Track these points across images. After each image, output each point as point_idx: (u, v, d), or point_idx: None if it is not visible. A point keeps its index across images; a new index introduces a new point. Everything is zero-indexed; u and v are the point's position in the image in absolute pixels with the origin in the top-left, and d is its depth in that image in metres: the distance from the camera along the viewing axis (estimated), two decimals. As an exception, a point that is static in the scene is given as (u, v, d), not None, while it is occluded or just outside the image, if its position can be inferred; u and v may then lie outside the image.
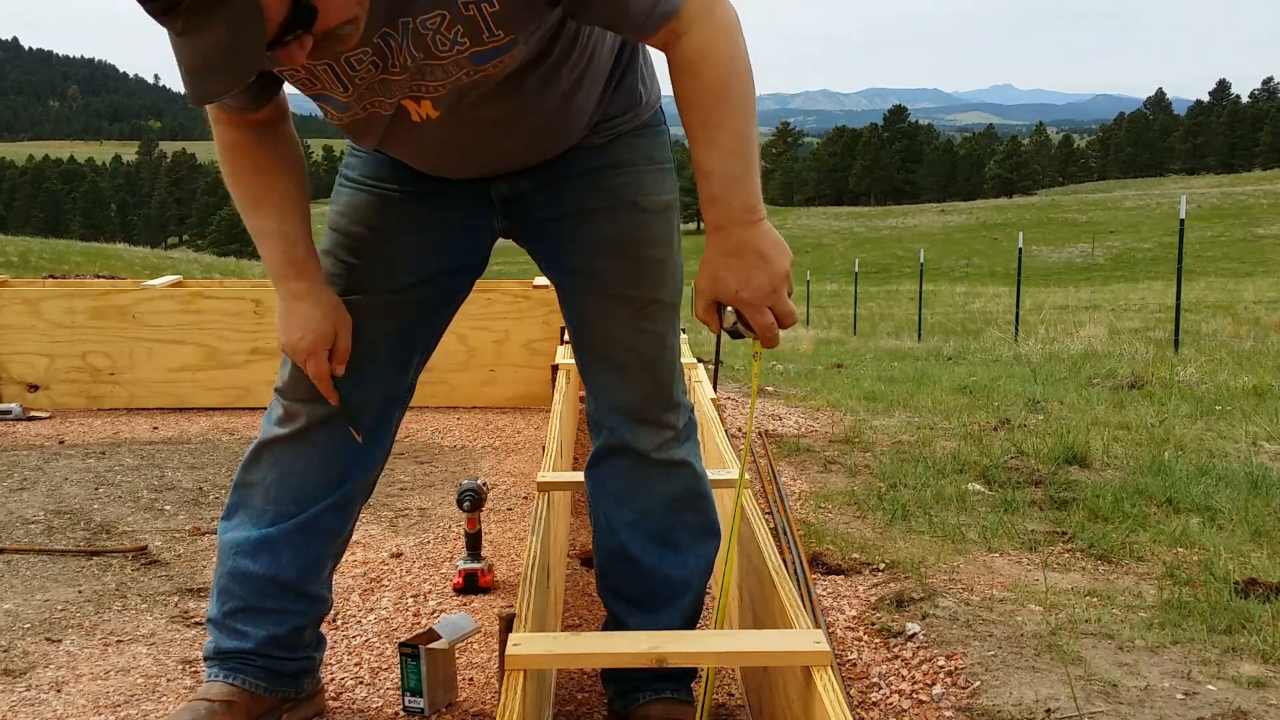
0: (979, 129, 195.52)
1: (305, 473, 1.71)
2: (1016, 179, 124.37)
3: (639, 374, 1.69)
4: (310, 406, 1.68)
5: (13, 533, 2.98)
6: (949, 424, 4.60)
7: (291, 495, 1.71)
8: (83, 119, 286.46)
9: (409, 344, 1.73)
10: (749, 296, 1.44)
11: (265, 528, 1.72)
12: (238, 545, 1.73)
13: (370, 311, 1.67)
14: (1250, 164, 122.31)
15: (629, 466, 1.72)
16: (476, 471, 3.80)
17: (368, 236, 1.67)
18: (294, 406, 1.69)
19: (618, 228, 1.64)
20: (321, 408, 1.67)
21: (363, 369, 1.67)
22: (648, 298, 1.67)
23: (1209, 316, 15.37)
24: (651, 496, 1.73)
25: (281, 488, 1.71)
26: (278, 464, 1.71)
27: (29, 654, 2.20)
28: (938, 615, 2.28)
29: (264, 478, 1.72)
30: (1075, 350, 9.14)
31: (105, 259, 31.89)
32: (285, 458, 1.71)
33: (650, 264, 1.67)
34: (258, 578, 1.72)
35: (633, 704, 1.78)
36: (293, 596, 1.75)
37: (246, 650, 1.74)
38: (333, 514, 1.75)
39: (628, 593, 1.78)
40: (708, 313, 1.49)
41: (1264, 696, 1.87)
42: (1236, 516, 3.03)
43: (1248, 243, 52.26)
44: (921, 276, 20.52)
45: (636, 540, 1.74)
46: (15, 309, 4.87)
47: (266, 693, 1.76)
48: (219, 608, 1.76)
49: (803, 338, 15.76)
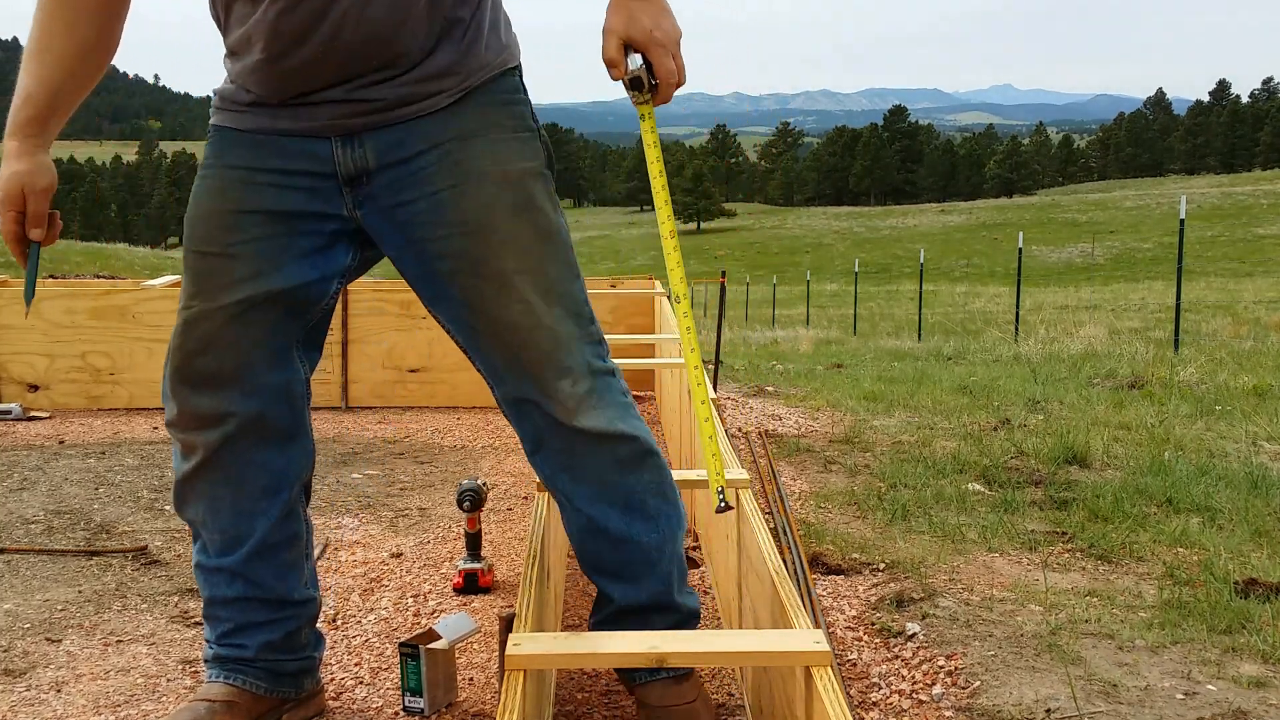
0: (979, 129, 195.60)
1: (234, 497, 1.69)
2: (1016, 179, 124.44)
3: (523, 350, 1.61)
4: (202, 434, 1.65)
5: (13, 533, 2.98)
6: (949, 424, 4.60)
7: (232, 521, 1.70)
8: (83, 119, 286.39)
9: (286, 345, 1.69)
10: (661, 36, 1.51)
11: (226, 556, 1.71)
12: (208, 574, 1.73)
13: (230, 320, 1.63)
14: (1250, 164, 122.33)
15: (562, 442, 1.65)
16: (476, 471, 3.80)
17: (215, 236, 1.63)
18: (188, 438, 1.67)
19: (471, 205, 1.58)
20: (214, 433, 1.64)
21: (244, 380, 1.64)
22: (511, 269, 1.59)
23: (1209, 316, 15.37)
24: (600, 465, 1.67)
25: (219, 517, 1.70)
26: (202, 498, 1.70)
27: (29, 654, 2.20)
28: (938, 615, 2.28)
29: (199, 514, 1.71)
30: (1075, 350, 9.14)
31: (105, 259, 31.87)
32: (206, 490, 1.69)
33: (511, 238, 1.59)
34: (239, 600, 1.73)
35: (632, 685, 1.77)
36: (278, 607, 1.75)
37: (246, 657, 1.75)
38: (282, 525, 1.73)
39: (607, 566, 1.74)
40: (618, 52, 1.52)
41: (1264, 696, 1.87)
42: (1236, 516, 3.03)
43: (1248, 243, 52.27)
44: (921, 276, 20.51)
45: (601, 511, 1.68)
46: (15, 309, 4.87)
47: (267, 693, 1.76)
48: (211, 631, 1.76)
49: (803, 338, 15.77)
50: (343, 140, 1.59)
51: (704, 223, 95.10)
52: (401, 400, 5.06)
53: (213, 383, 1.63)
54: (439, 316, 1.67)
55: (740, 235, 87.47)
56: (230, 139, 1.64)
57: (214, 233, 1.62)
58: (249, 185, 1.62)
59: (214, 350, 1.62)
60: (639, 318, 5.35)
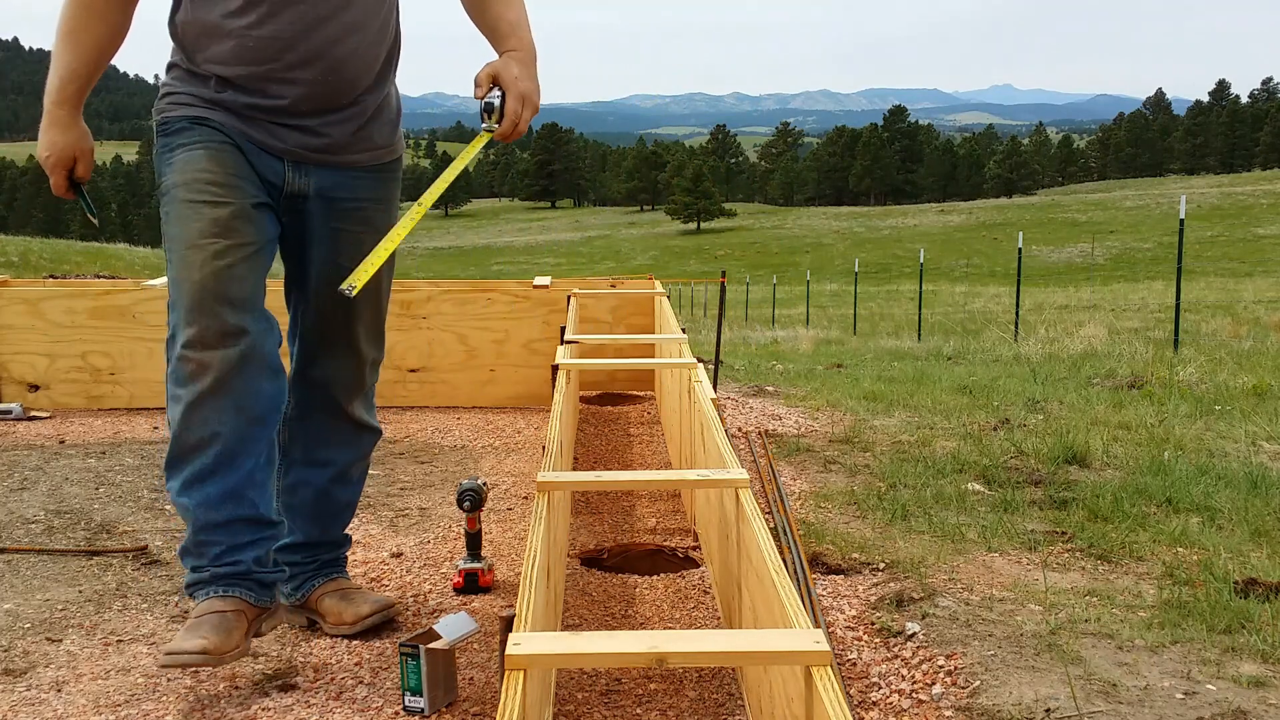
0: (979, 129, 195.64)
1: (235, 421, 1.95)
2: (1016, 179, 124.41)
3: (347, 359, 2.25)
4: (221, 351, 1.92)
5: (13, 533, 2.98)
6: (949, 424, 4.60)
7: (234, 443, 1.96)
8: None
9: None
10: (522, 87, 2.00)
11: (223, 479, 1.96)
12: (199, 505, 1.97)
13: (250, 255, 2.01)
14: (1250, 164, 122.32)
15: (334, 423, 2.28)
16: (476, 471, 3.80)
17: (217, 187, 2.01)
18: (205, 357, 1.92)
19: (365, 248, 1.99)
20: (232, 350, 1.92)
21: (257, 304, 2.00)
22: (369, 312, 2.24)
23: (1209, 316, 15.37)
24: (346, 445, 2.31)
25: (222, 439, 1.94)
26: (208, 420, 1.93)
27: (29, 654, 2.21)
28: (937, 615, 2.28)
29: (203, 434, 1.94)
30: (1075, 350, 9.14)
31: (105, 259, 31.90)
32: (213, 413, 1.93)
33: (374, 287, 2.19)
34: (230, 523, 1.97)
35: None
36: (261, 526, 2.02)
37: (241, 571, 1.99)
38: (270, 452, 2.04)
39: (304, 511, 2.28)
40: (487, 80, 2.01)
41: (1264, 696, 1.88)
42: (1236, 516, 3.03)
43: (1248, 243, 52.28)
44: (921, 276, 20.50)
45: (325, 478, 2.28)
46: (16, 309, 4.87)
47: (256, 602, 2.01)
48: (202, 557, 1.99)
49: (803, 338, 15.77)
50: (294, 165, 2.08)
51: (704, 223, 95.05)
52: (401, 400, 5.05)
53: (238, 302, 1.94)
54: (292, 303, 2.23)
55: (740, 235, 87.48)
56: (200, 123, 2.01)
57: (223, 191, 1.97)
58: (238, 158, 2.01)
59: (239, 276, 1.95)
60: (639, 318, 5.36)
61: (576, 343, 3.69)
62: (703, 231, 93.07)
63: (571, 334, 3.95)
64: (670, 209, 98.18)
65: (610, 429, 4.57)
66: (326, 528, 2.34)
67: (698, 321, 25.06)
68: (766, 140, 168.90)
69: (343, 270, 2.04)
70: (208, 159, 1.98)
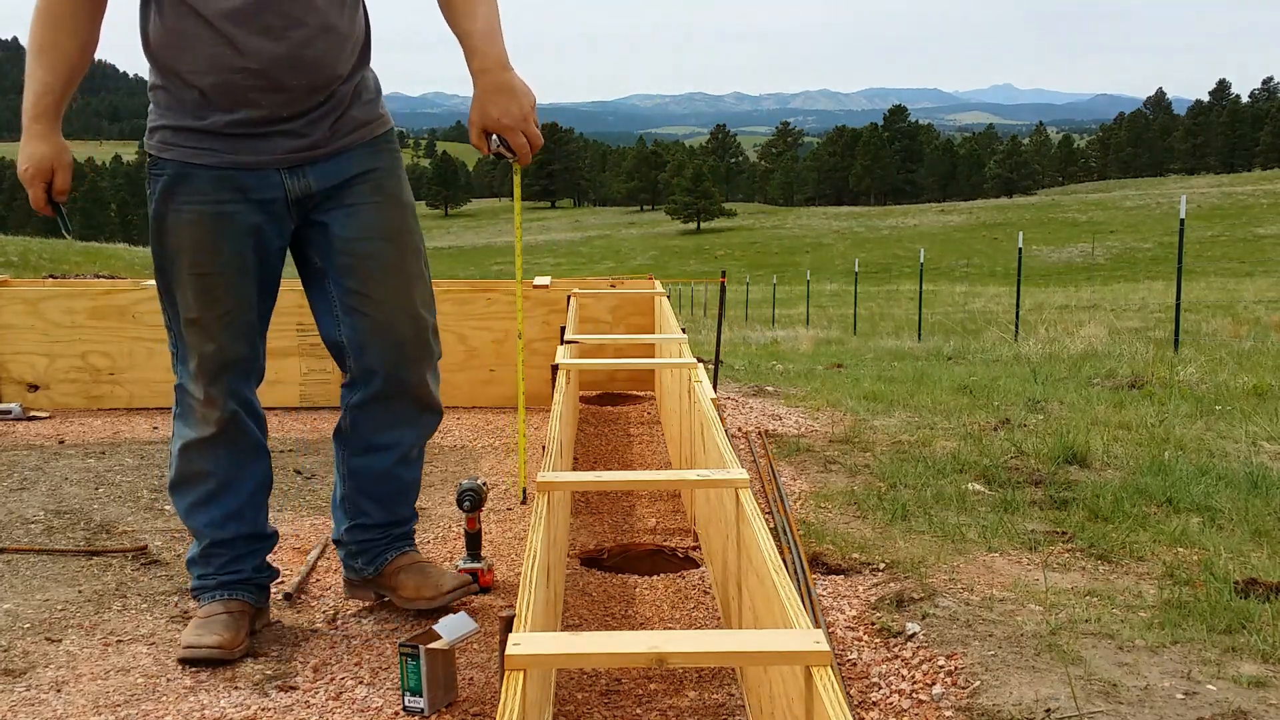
0: (979, 129, 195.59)
1: (232, 456, 2.25)
2: (1016, 179, 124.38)
3: (405, 328, 2.24)
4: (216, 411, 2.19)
5: (13, 533, 2.98)
6: (949, 424, 4.60)
7: (233, 473, 2.26)
8: (83, 119, 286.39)
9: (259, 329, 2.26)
10: (509, 123, 2.03)
11: (225, 502, 2.25)
12: (206, 525, 2.25)
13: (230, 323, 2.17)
14: (1250, 164, 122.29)
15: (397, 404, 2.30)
16: (476, 471, 3.80)
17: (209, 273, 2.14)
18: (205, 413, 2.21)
19: (388, 217, 2.20)
20: (226, 409, 2.19)
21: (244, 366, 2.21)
22: (413, 272, 2.24)
23: (1209, 316, 15.37)
24: (409, 426, 2.33)
25: (222, 470, 2.24)
26: (208, 456, 2.23)
27: (29, 654, 2.20)
28: (938, 615, 2.28)
29: (204, 466, 2.24)
30: (1075, 350, 9.14)
31: (105, 259, 31.88)
32: (211, 451, 2.23)
33: (410, 246, 2.24)
34: (234, 539, 2.27)
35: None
36: (259, 540, 2.33)
37: (243, 578, 2.27)
38: (266, 471, 2.33)
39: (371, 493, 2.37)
40: (479, 139, 2.07)
41: (1264, 696, 1.88)
42: (1236, 516, 3.03)
43: (1248, 243, 52.27)
44: (921, 276, 20.49)
45: (388, 461, 2.34)
46: (15, 309, 4.87)
47: (254, 604, 2.28)
48: (208, 567, 2.26)
49: (803, 338, 15.77)
50: (289, 171, 2.12)
51: (704, 223, 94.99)
52: (401, 400, 5.05)
53: (224, 370, 2.18)
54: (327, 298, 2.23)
55: (740, 235, 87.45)
56: (189, 174, 2.08)
57: (202, 258, 2.11)
58: (220, 216, 2.09)
59: (224, 347, 2.17)
60: (639, 317, 5.36)
61: (576, 343, 3.69)
62: (703, 231, 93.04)
63: (571, 334, 3.94)
64: (670, 209, 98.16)
65: (610, 429, 4.57)
66: (394, 508, 2.41)
67: (698, 321, 25.06)
68: (766, 140, 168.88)
69: (374, 240, 2.18)
70: (186, 223, 2.10)
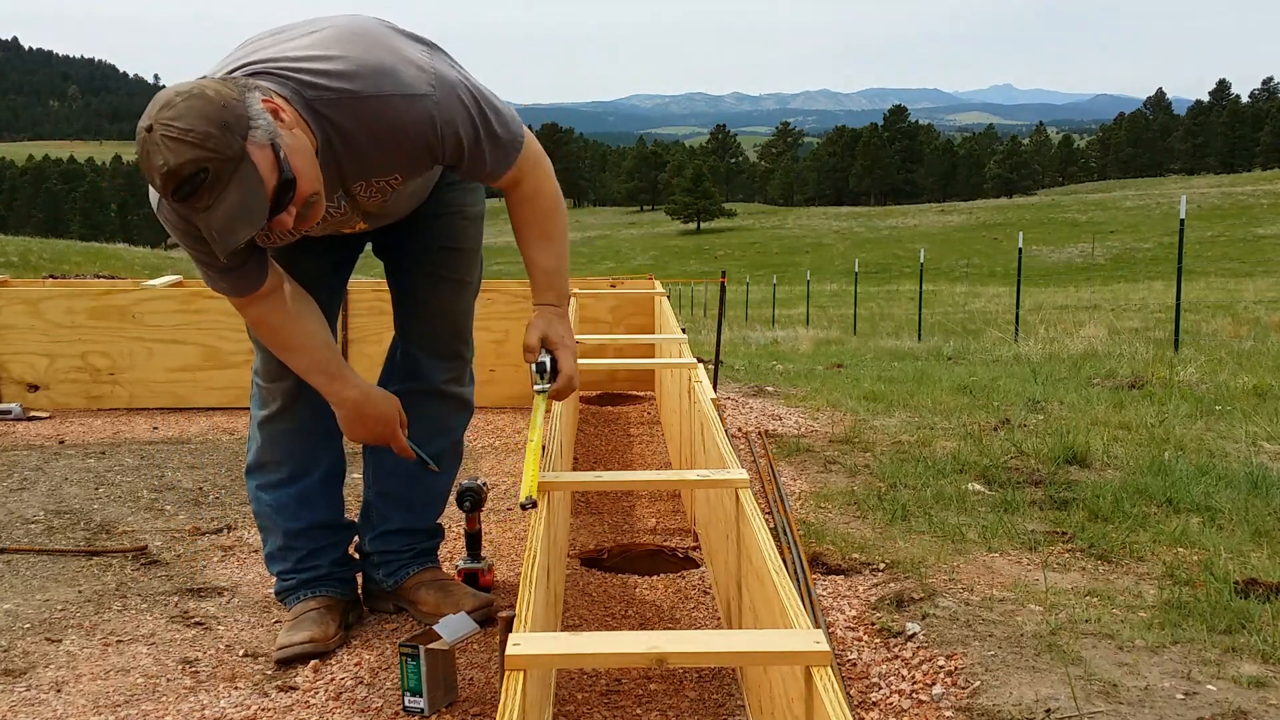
0: (979, 129, 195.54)
1: (303, 437, 2.26)
2: (1016, 179, 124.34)
3: (448, 328, 2.35)
4: (283, 385, 2.22)
5: (13, 533, 2.98)
6: (949, 424, 4.60)
7: (304, 456, 2.28)
8: (83, 119, 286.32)
9: None
10: (570, 343, 2.07)
11: (296, 486, 2.28)
12: (278, 513, 2.28)
13: None
14: (1250, 164, 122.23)
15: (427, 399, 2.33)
16: (476, 471, 3.80)
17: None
18: (272, 387, 2.24)
19: (444, 226, 2.27)
20: (291, 378, 2.18)
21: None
22: (462, 279, 2.33)
23: (1209, 316, 15.37)
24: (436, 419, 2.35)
25: (293, 454, 2.27)
26: (279, 438, 2.26)
27: (29, 654, 2.20)
28: (938, 615, 2.28)
29: (275, 453, 2.27)
30: (1075, 350, 9.14)
31: (105, 259, 31.90)
32: (281, 432, 2.25)
33: (465, 254, 2.32)
34: (309, 529, 2.29)
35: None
36: (335, 530, 2.34)
37: (322, 575, 2.30)
38: (337, 463, 2.35)
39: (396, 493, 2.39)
40: (537, 341, 2.04)
41: (1264, 696, 1.87)
42: (1236, 516, 3.03)
43: (1248, 243, 52.25)
44: (921, 276, 20.49)
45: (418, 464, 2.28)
46: (15, 309, 4.87)
47: (340, 597, 2.32)
48: (287, 563, 2.30)
49: (803, 338, 15.77)
50: None
51: (704, 223, 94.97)
52: (401, 400, 5.05)
53: None
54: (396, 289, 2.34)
55: (740, 235, 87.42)
56: None
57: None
58: None
59: None
60: (639, 318, 5.36)
61: (576, 343, 3.69)
62: (703, 231, 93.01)
63: (571, 334, 3.94)
64: (670, 209, 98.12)
65: (610, 429, 4.57)
66: (421, 514, 2.44)
67: (698, 321, 25.05)
68: (766, 140, 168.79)
69: (430, 249, 2.28)
70: None
